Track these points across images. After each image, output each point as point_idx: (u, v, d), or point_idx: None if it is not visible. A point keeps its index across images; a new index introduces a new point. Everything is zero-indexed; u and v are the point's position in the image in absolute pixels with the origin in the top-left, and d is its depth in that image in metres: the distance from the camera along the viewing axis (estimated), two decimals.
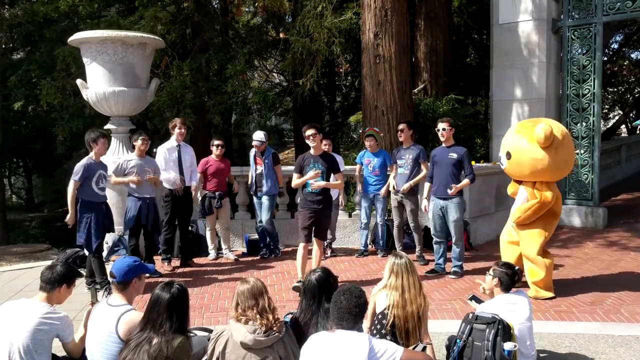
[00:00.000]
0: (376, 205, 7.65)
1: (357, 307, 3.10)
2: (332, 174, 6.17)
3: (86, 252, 6.45)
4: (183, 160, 7.16)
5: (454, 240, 6.65)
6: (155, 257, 7.16)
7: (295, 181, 6.16)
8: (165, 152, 7.14)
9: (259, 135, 7.66)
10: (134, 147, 6.86)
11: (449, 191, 6.41)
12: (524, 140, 5.67)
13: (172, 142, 7.23)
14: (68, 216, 6.06)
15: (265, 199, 7.64)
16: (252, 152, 7.78)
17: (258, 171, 7.64)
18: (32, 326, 3.37)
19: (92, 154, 6.15)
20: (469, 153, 6.78)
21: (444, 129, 6.59)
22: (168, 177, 7.08)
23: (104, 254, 6.89)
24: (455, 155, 6.54)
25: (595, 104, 9.50)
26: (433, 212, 6.74)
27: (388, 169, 7.57)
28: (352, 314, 3.08)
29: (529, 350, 4.08)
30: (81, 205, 6.06)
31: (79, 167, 6.02)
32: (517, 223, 5.77)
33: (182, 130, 7.23)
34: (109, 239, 7.28)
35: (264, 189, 7.58)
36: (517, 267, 4.30)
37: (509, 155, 5.77)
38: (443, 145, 6.71)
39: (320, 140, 6.24)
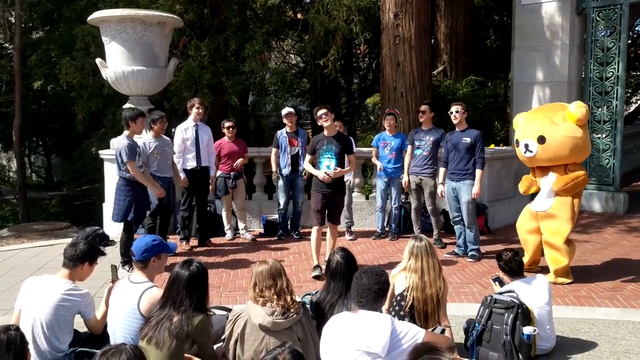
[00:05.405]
0: (392, 189, 7.61)
1: (377, 285, 3.08)
2: (345, 155, 6.04)
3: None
4: (200, 140, 7.14)
5: (466, 223, 6.62)
6: (172, 237, 7.20)
7: (307, 166, 6.17)
8: (182, 131, 7.13)
9: (289, 109, 7.73)
10: (151, 127, 6.52)
11: (475, 191, 6.45)
12: (559, 121, 5.61)
13: (189, 121, 7.22)
14: (157, 192, 6.04)
15: (300, 180, 7.67)
16: (283, 133, 7.64)
17: (294, 152, 7.57)
18: (55, 302, 3.43)
19: (126, 132, 5.99)
20: (487, 137, 6.71)
21: (457, 112, 6.57)
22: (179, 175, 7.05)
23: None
24: (468, 140, 6.51)
25: (619, 87, 9.31)
26: (448, 194, 6.74)
27: (403, 152, 7.51)
28: (372, 290, 3.06)
29: (548, 334, 4.06)
30: (120, 184, 5.99)
31: (124, 148, 5.79)
32: (560, 190, 5.63)
33: (200, 110, 7.21)
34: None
35: (301, 169, 7.55)
36: (507, 254, 4.25)
37: (542, 140, 5.61)
38: (457, 129, 6.66)
39: (332, 121, 6.04)
